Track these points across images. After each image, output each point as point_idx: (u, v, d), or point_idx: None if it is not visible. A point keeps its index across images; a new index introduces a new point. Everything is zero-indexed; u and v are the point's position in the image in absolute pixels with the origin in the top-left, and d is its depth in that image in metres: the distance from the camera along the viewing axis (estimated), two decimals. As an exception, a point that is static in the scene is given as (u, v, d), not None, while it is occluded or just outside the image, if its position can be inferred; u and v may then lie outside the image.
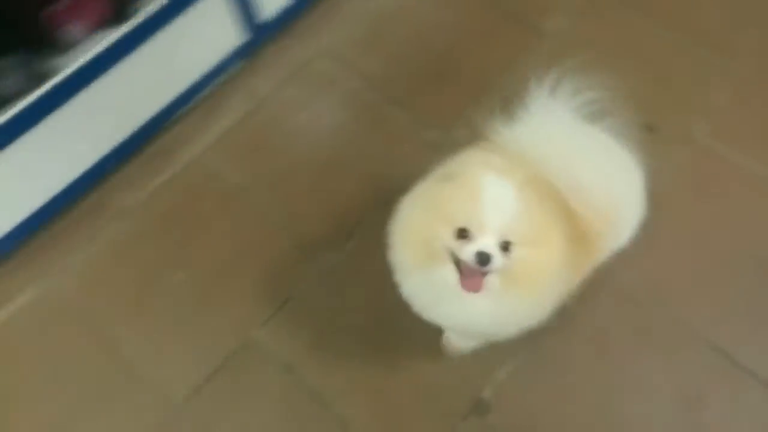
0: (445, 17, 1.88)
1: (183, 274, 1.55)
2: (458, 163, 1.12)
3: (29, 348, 1.50)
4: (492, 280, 1.04)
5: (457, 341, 1.39)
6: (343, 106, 1.75)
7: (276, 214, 1.61)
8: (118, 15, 1.47)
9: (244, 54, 1.79)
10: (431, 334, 1.35)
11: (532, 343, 1.24)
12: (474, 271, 1.02)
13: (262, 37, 1.80)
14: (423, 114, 1.71)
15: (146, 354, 1.47)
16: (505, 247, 1.02)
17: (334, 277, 1.51)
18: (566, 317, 1.44)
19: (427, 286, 1.12)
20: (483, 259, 1.00)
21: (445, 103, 1.72)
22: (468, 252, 1.01)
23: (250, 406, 1.41)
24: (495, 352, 1.34)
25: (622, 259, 1.48)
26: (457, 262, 1.04)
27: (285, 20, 1.83)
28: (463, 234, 1.02)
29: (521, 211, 1.02)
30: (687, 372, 1.37)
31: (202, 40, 1.67)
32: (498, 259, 1.01)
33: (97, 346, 1.48)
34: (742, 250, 1.48)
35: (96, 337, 1.49)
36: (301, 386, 1.41)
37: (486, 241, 1.01)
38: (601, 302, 1.44)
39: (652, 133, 1.61)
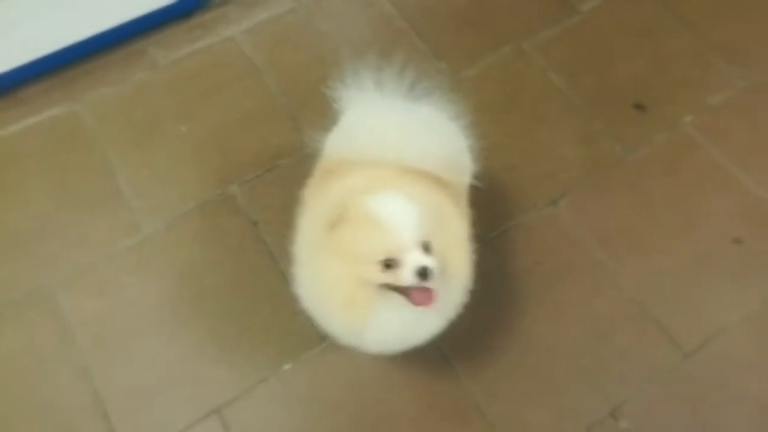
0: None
1: (186, 127, 1.73)
2: (333, 203, 1.10)
3: (39, 154, 1.69)
4: (437, 284, 1.05)
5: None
6: (370, 27, 1.90)
7: (283, 97, 1.77)
8: None
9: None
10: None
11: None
12: (419, 287, 1.03)
13: None
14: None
15: (134, 185, 1.64)
16: (427, 248, 1.04)
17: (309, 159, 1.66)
18: (509, 243, 1.57)
19: (376, 328, 1.12)
20: (424, 273, 1.01)
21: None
22: (407, 276, 1.02)
23: (212, 245, 1.57)
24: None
25: (575, 204, 1.60)
26: (399, 289, 1.05)
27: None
28: (389, 264, 1.02)
29: (419, 210, 1.04)
30: (601, 310, 1.47)
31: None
32: (432, 263, 1.02)
33: (96, 168, 1.67)
34: (687, 226, 1.57)
35: (96, 161, 1.68)
36: (259, 240, 1.56)
37: (413, 258, 1.02)
38: (543, 239, 1.56)
39: (641, 112, 1.72)
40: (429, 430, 1.37)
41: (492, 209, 1.58)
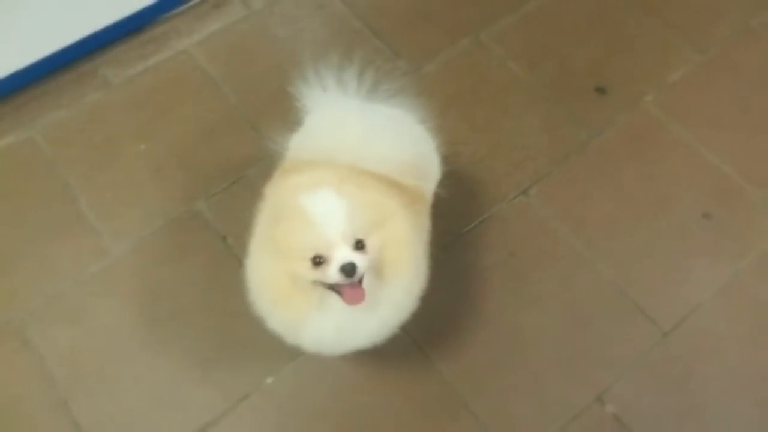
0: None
1: (145, 145, 1.68)
2: (277, 199, 1.13)
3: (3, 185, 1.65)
4: (368, 283, 1.05)
5: None
6: (325, 29, 1.87)
7: (243, 107, 1.74)
8: None
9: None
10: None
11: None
12: (349, 285, 1.03)
13: None
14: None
15: (98, 208, 1.60)
16: (360, 246, 1.04)
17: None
18: (483, 237, 1.56)
19: (315, 326, 1.11)
20: (348, 270, 1.01)
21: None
22: (332, 273, 1.02)
23: (183, 263, 1.53)
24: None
25: (545, 193, 1.61)
26: (331, 287, 1.05)
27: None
28: (318, 261, 1.02)
29: (352, 207, 1.03)
30: (579, 296, 1.47)
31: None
32: (360, 260, 1.02)
33: (57, 194, 1.62)
34: (658, 206, 1.58)
35: (57, 187, 1.62)
36: (230, 255, 1.53)
37: (341, 254, 1.01)
38: (516, 230, 1.55)
39: (603, 95, 1.73)
40: (417, 430, 1.37)
41: (463, 204, 1.57)
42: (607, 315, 1.45)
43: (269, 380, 1.39)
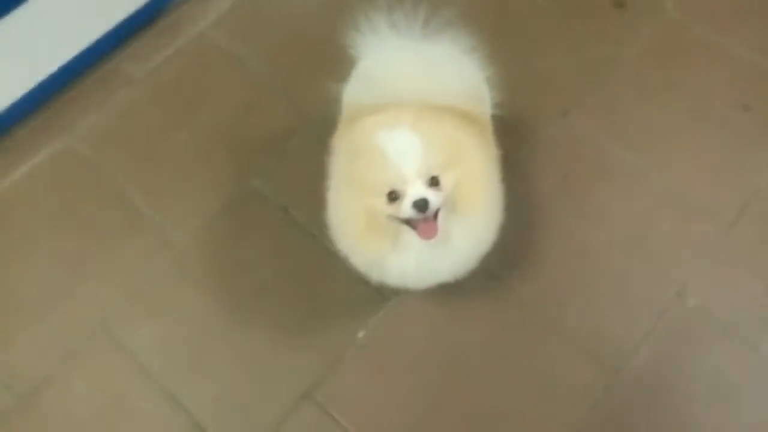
0: None
1: (186, 134, 1.68)
2: (353, 138, 1.15)
3: (47, 196, 1.63)
4: (443, 218, 1.08)
5: None
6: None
7: (274, 80, 1.74)
8: None
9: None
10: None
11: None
12: (423, 219, 1.06)
13: None
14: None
15: (153, 202, 1.60)
16: (435, 182, 1.05)
17: (325, 131, 1.65)
18: (534, 164, 1.60)
19: (397, 261, 1.15)
20: (421, 205, 1.03)
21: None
22: (405, 208, 1.04)
23: (249, 240, 1.55)
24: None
25: (585, 111, 1.63)
26: (406, 221, 1.08)
27: None
28: (393, 196, 1.05)
29: (427, 143, 1.05)
30: (639, 204, 1.52)
31: None
32: (434, 196, 1.04)
33: (110, 195, 1.62)
34: (696, 107, 1.62)
35: (109, 189, 1.63)
36: (294, 224, 1.55)
37: (414, 190, 1.04)
38: (565, 152, 1.59)
39: (622, 8, 1.75)
40: (516, 341, 1.41)
41: (506, 135, 1.60)
42: (670, 217, 1.50)
43: (360, 334, 1.43)
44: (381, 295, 1.46)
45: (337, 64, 1.69)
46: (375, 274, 1.24)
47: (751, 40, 1.67)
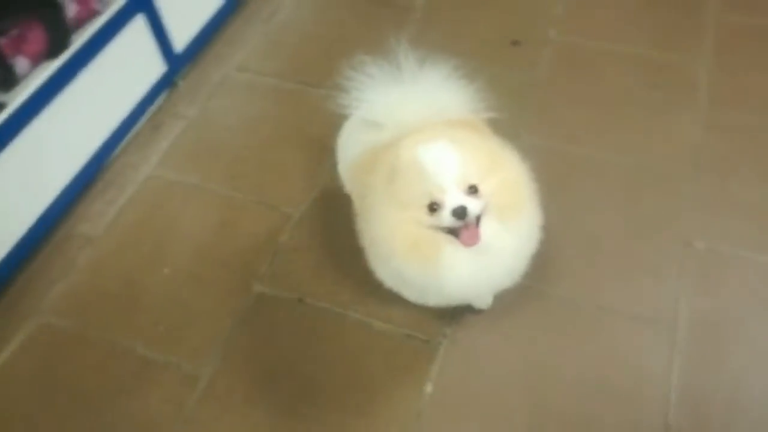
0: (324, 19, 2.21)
1: (168, 269, 1.61)
2: (391, 158, 1.16)
3: (38, 385, 1.45)
4: (484, 225, 1.11)
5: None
6: (267, 100, 1.96)
7: (239, 191, 1.74)
8: (55, 48, 1.60)
9: (168, 82, 1.97)
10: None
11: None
12: (465, 227, 1.09)
13: (180, 64, 2.00)
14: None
15: (157, 346, 1.48)
16: (474, 190, 1.09)
17: (308, 214, 1.67)
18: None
19: (452, 272, 1.15)
20: (459, 213, 1.07)
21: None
22: (445, 217, 1.08)
23: (278, 345, 1.46)
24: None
25: (528, 129, 1.78)
26: (450, 231, 1.11)
27: (197, 48, 2.06)
28: (434, 207, 1.09)
29: (463, 154, 1.10)
30: (611, 182, 1.66)
31: (129, 73, 1.84)
32: (472, 204, 1.08)
33: (103, 358, 1.48)
34: (614, 97, 1.86)
35: (99, 352, 1.49)
36: (316, 310, 1.50)
37: (452, 199, 1.08)
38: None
39: (518, 45, 1.99)
40: (576, 338, 1.40)
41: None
42: (639, 183, 1.65)
43: (428, 389, 1.36)
44: (428, 344, 1.43)
45: (295, 152, 1.78)
46: (432, 294, 1.23)
47: (634, 40, 1.97)
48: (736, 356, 1.37)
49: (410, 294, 1.32)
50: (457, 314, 1.46)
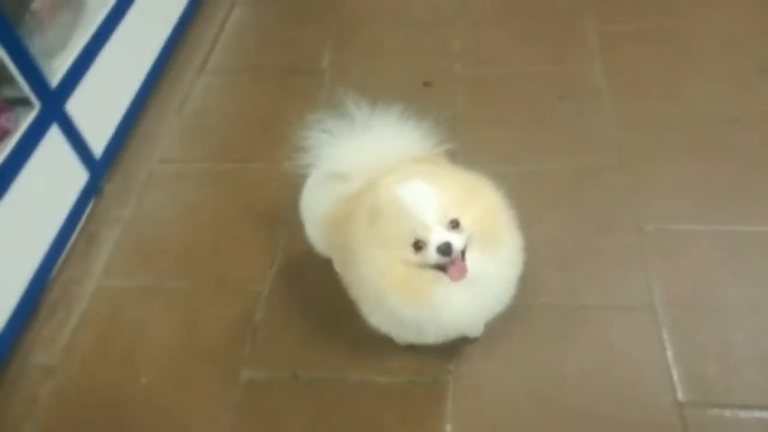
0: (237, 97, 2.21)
1: (145, 378, 1.51)
2: (371, 200, 1.17)
3: None
4: (469, 257, 1.13)
5: None
6: (202, 185, 1.92)
7: (199, 282, 1.68)
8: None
9: (93, 189, 1.88)
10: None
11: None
12: (451, 262, 1.11)
13: (102, 169, 1.92)
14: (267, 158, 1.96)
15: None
16: (455, 224, 1.11)
17: (275, 297, 1.62)
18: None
19: (446, 305, 1.16)
20: (444, 249, 1.08)
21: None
22: (431, 254, 1.09)
23: (281, 426, 1.41)
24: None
25: (463, 154, 1.85)
26: (436, 267, 1.12)
27: (115, 149, 1.99)
28: (419, 245, 1.10)
29: (440, 190, 1.12)
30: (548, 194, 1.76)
31: (53, 186, 1.74)
32: (456, 238, 1.10)
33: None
34: (531, 113, 1.99)
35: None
36: (312, 382, 1.46)
37: (436, 236, 1.09)
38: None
39: (431, 85, 2.09)
40: (576, 339, 1.45)
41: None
42: (578, 181, 1.76)
43: (448, 429, 1.35)
44: (435, 385, 1.43)
45: (246, 229, 1.76)
46: (430, 330, 1.24)
47: (531, 60, 2.13)
48: (718, 321, 1.47)
49: (408, 334, 1.32)
50: (454, 349, 1.46)
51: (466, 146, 1.88)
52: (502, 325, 1.44)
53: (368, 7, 2.47)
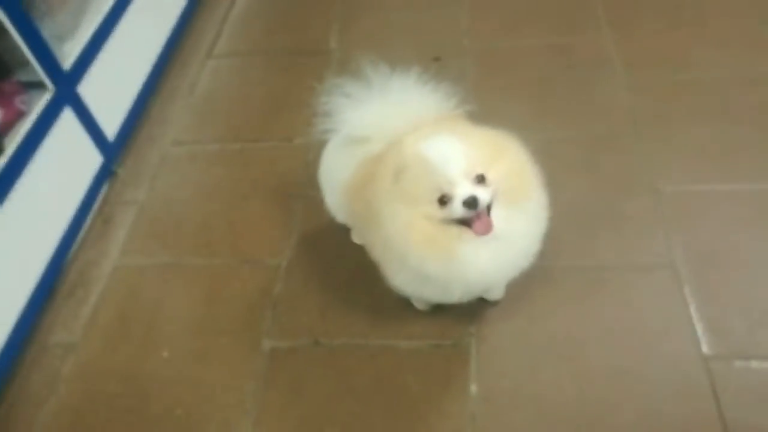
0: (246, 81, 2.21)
1: (167, 352, 1.50)
2: (395, 156, 1.17)
3: None
4: (495, 212, 1.12)
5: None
6: (215, 165, 1.92)
7: (216, 255, 1.68)
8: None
9: (107, 172, 1.89)
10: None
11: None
12: (476, 217, 1.10)
13: (116, 152, 1.93)
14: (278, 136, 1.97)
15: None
16: (481, 179, 1.11)
17: (294, 270, 1.62)
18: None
19: (472, 261, 1.15)
20: (470, 202, 1.08)
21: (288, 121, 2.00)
22: (457, 209, 1.09)
23: (310, 394, 1.40)
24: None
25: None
26: (462, 222, 1.12)
27: (128, 133, 1.99)
28: (444, 200, 1.10)
29: (467, 145, 1.12)
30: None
31: (68, 169, 1.75)
32: (482, 193, 1.09)
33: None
34: (537, 80, 1.99)
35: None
36: (334, 349, 1.46)
37: (462, 190, 1.09)
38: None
39: (441, 60, 2.09)
40: (599, 298, 1.44)
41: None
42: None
43: (473, 388, 1.35)
44: (458, 347, 1.42)
45: (260, 206, 1.76)
46: (455, 286, 1.23)
47: (538, 33, 2.13)
48: (740, 277, 1.46)
49: (432, 293, 1.31)
50: (476, 312, 1.46)
51: (479, 116, 1.89)
52: (523, 287, 1.44)
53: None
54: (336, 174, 1.39)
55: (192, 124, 2.06)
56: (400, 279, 1.27)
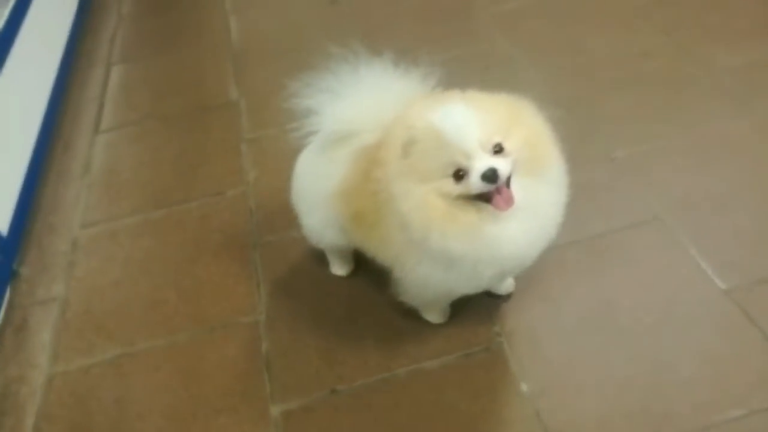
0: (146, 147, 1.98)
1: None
2: (401, 131, 1.05)
3: None
4: (515, 184, 1.02)
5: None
6: (141, 237, 1.66)
7: (187, 334, 1.42)
8: None
9: (7, 274, 1.57)
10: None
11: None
12: (496, 191, 1.00)
13: (12, 250, 1.63)
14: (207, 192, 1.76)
15: None
16: (499, 149, 1.00)
17: (276, 322, 1.41)
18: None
19: (501, 235, 1.05)
20: (490, 176, 0.98)
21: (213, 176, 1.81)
22: (475, 183, 0.99)
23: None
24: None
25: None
26: (479, 197, 1.01)
27: (21, 226, 1.69)
28: (460, 174, 1.00)
29: (482, 113, 1.01)
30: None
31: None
32: (502, 164, 0.99)
33: None
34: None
35: None
36: (355, 392, 1.26)
37: (479, 163, 0.98)
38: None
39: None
40: (620, 266, 1.39)
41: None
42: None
43: (524, 388, 1.22)
44: (490, 350, 1.30)
45: (211, 265, 1.56)
46: (485, 266, 1.09)
47: (437, 47, 2.13)
48: (723, 212, 1.48)
49: (458, 281, 1.14)
50: (491, 312, 1.35)
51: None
52: (528, 274, 1.35)
53: (253, 36, 2.40)
54: (318, 187, 1.23)
55: (99, 202, 1.79)
56: (422, 271, 1.11)
